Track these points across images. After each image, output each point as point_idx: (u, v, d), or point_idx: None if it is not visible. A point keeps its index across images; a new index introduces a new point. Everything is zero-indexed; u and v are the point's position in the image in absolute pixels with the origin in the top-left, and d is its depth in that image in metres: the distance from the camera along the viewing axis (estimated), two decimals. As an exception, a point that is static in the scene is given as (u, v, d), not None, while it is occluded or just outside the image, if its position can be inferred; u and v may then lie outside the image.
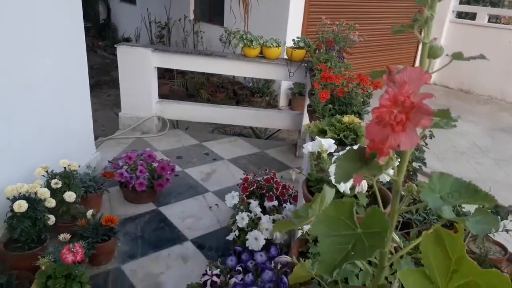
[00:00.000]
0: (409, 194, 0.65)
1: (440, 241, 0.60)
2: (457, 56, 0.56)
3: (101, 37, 10.32)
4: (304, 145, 1.38)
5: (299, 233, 1.34)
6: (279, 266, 2.15)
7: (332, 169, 1.23)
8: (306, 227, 1.08)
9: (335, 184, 0.67)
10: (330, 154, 1.44)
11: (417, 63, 0.48)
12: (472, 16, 8.14)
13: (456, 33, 7.94)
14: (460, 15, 8.37)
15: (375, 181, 0.79)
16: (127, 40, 9.41)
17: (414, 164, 2.32)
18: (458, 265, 0.58)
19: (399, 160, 0.66)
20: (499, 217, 2.10)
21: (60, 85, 2.82)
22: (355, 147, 0.79)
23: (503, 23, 8.77)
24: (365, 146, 0.66)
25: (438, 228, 0.61)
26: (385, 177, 1.12)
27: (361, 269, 1.13)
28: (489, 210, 2.10)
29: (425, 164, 2.36)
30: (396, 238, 0.76)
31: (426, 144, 2.76)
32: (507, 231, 1.97)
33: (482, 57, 0.55)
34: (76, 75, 3.02)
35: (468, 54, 0.60)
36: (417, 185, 0.66)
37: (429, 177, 0.67)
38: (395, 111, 0.59)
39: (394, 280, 0.81)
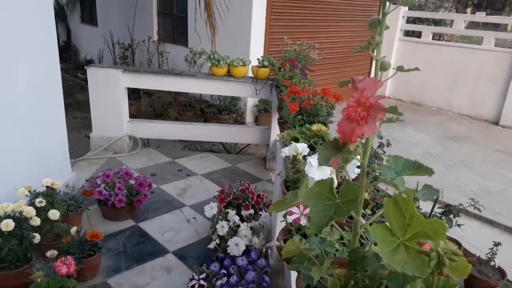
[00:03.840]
0: (372, 172, 0.87)
1: (397, 204, 0.81)
2: (400, 68, 0.79)
3: (62, 59, 10.20)
4: (282, 150, 1.59)
5: (280, 226, 1.52)
6: (259, 267, 2.32)
7: (307, 168, 1.44)
8: (290, 218, 1.27)
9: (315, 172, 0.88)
10: (304, 157, 1.65)
11: (372, 76, 0.66)
12: (418, 34, 8.87)
13: (404, 50, 8.62)
14: (407, 33, 9.09)
15: (346, 169, 1.01)
16: (90, 62, 9.36)
17: (374, 172, 2.60)
18: (411, 220, 0.80)
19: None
20: (452, 215, 2.40)
21: (36, 106, 2.88)
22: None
23: (445, 40, 9.61)
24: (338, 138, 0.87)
25: (396, 195, 0.83)
26: (351, 175, 1.34)
27: (337, 250, 1.34)
28: (443, 209, 2.39)
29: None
30: (361, 212, 0.97)
31: (384, 152, 3.06)
32: (459, 225, 2.26)
33: (416, 69, 0.78)
34: (51, 95, 3.09)
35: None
36: (378, 166, 0.88)
37: (388, 184, 0.90)
38: (359, 110, 0.81)
39: (367, 245, 1.02)
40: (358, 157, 0.87)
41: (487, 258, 2.15)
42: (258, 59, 4.41)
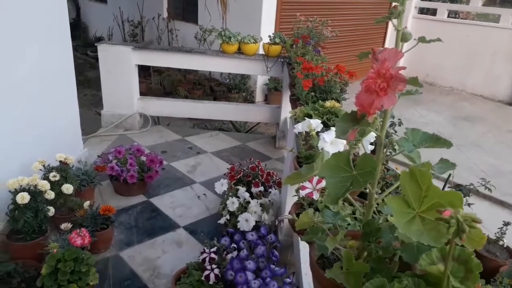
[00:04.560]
0: (389, 145, 0.86)
1: (413, 176, 0.81)
2: (421, 39, 0.77)
3: (72, 37, 10.16)
4: (295, 126, 1.58)
5: (290, 202, 1.53)
6: (269, 242, 2.35)
7: (321, 144, 1.43)
8: (303, 193, 1.27)
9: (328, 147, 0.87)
10: (317, 133, 1.65)
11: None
12: (433, 12, 8.63)
13: (418, 27, 8.40)
14: (422, 10, 8.85)
15: (362, 142, 1.01)
16: (99, 40, 9.33)
17: (391, 144, 2.60)
18: (427, 191, 0.79)
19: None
20: (462, 194, 2.40)
21: (49, 83, 2.90)
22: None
23: (461, 18, 9.34)
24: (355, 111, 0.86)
25: (412, 167, 0.82)
26: (368, 148, 1.33)
27: (349, 224, 1.35)
28: (453, 189, 2.40)
29: (394, 150, 2.64)
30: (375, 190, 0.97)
31: (396, 131, 3.04)
32: (469, 205, 2.25)
33: (438, 39, 0.76)
34: (63, 72, 3.10)
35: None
36: (395, 139, 0.87)
37: (397, 163, 0.89)
38: (379, 81, 0.79)
39: (380, 219, 1.02)
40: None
41: (496, 238, 2.15)
42: (269, 36, 4.34)
